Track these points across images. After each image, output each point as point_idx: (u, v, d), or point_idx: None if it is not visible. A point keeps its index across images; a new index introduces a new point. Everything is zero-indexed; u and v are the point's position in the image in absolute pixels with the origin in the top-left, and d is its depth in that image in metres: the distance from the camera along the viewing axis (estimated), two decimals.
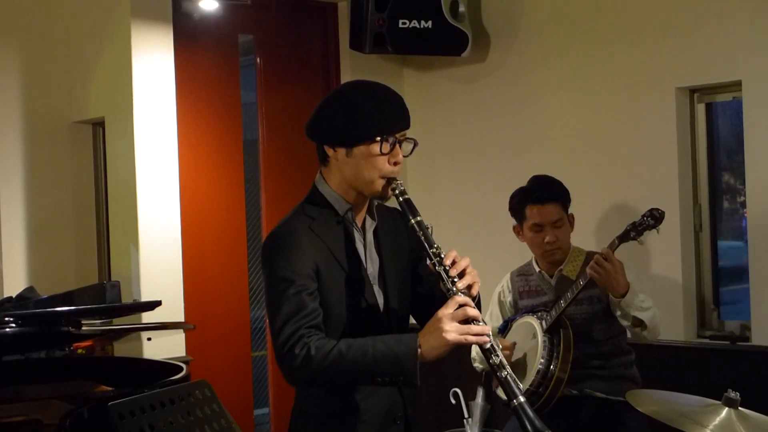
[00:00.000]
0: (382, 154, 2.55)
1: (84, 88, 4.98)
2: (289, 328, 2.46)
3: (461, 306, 2.40)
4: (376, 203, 2.72)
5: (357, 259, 2.64)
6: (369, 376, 2.46)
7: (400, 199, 2.56)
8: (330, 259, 2.58)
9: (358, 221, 2.68)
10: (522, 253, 4.02)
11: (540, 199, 3.75)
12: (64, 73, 5.03)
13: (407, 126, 2.61)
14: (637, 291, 3.59)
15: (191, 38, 4.97)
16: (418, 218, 2.53)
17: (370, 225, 2.71)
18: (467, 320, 2.40)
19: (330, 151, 2.61)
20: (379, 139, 2.54)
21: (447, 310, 2.41)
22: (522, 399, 2.37)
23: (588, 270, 3.53)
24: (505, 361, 2.42)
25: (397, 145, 2.58)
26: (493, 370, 2.41)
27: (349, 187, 2.62)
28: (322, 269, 2.56)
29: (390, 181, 2.57)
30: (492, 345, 2.41)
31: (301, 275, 2.51)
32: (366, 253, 2.67)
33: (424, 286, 2.78)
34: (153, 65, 4.68)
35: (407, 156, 2.64)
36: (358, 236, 2.67)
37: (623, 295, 3.52)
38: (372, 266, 2.68)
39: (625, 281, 3.52)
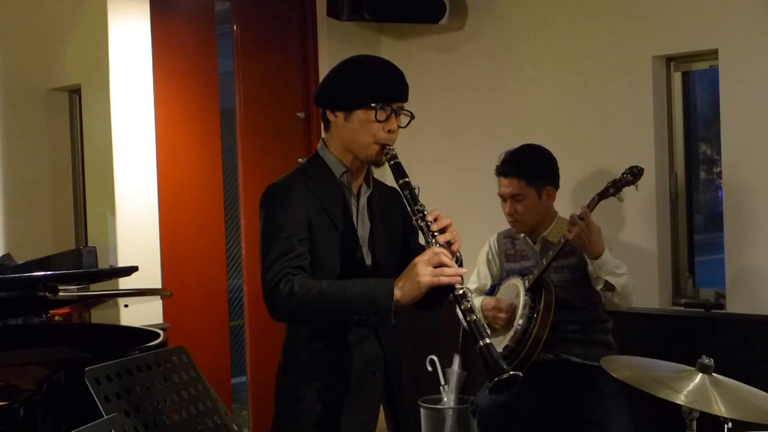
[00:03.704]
0: (378, 120, 2.70)
1: (60, 55, 4.94)
2: (277, 266, 2.61)
3: (438, 254, 2.52)
4: (372, 175, 2.86)
5: (349, 220, 2.78)
6: (346, 314, 2.58)
7: (391, 162, 2.71)
8: (323, 215, 2.73)
9: (354, 187, 2.83)
10: (499, 223, 4.04)
11: (501, 171, 3.89)
12: (39, 39, 4.99)
13: (404, 99, 2.78)
14: (612, 256, 3.66)
15: (167, 5, 4.92)
16: (406, 179, 2.69)
17: (365, 191, 2.86)
18: (441, 265, 2.52)
19: (331, 117, 2.78)
20: (374, 105, 2.69)
21: (423, 257, 2.54)
22: (487, 340, 2.45)
23: (571, 236, 3.61)
24: (476, 306, 2.58)
25: (393, 115, 2.72)
26: (463, 314, 2.51)
27: (346, 151, 2.77)
28: (314, 223, 2.71)
29: (384, 147, 2.72)
30: (464, 291, 2.52)
31: (293, 223, 2.67)
32: (358, 217, 2.82)
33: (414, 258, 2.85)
34: (129, 32, 4.64)
35: (403, 127, 2.77)
36: (351, 200, 2.81)
37: (597, 257, 3.60)
38: (363, 229, 2.82)
39: (600, 244, 3.60)
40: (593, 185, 4.28)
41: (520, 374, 2.42)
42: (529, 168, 3.84)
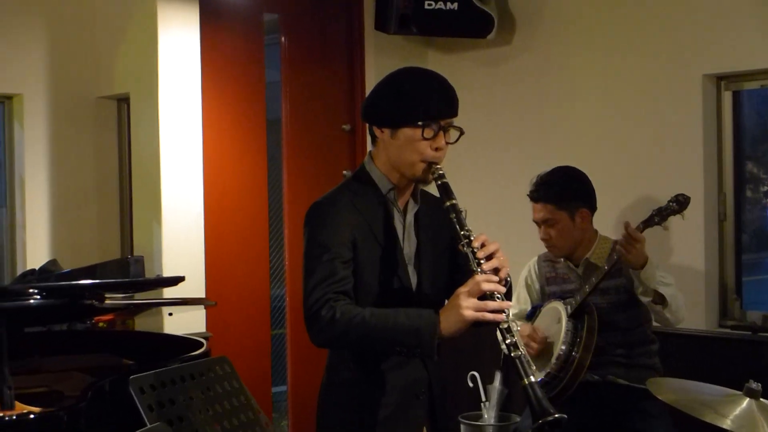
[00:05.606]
0: (424, 139, 2.63)
1: (109, 63, 4.99)
2: (318, 291, 2.57)
3: (479, 282, 2.46)
4: (420, 188, 2.79)
5: (394, 237, 2.72)
6: (388, 345, 2.56)
7: (438, 182, 2.64)
8: (368, 234, 2.67)
9: (401, 203, 2.77)
10: (539, 241, 4.00)
11: (531, 197, 3.86)
12: (90, 48, 5.04)
13: (453, 114, 2.69)
14: (657, 266, 3.63)
15: (216, 16, 4.95)
16: (453, 201, 2.61)
17: (412, 208, 2.79)
18: (485, 296, 2.45)
19: (378, 132, 2.72)
20: (421, 123, 2.62)
21: (465, 288, 2.47)
22: (532, 379, 2.40)
23: (618, 246, 3.58)
24: (520, 342, 2.46)
25: (441, 132, 2.65)
26: (508, 349, 2.45)
27: (393, 168, 2.71)
28: (359, 242, 2.65)
29: (431, 165, 2.65)
30: (509, 325, 2.46)
31: (337, 244, 2.62)
32: (404, 234, 2.76)
33: (463, 275, 2.77)
34: (179, 42, 4.67)
35: (452, 144, 2.71)
36: (398, 216, 2.75)
37: (643, 266, 3.55)
38: (409, 247, 2.76)
39: (644, 253, 3.56)
40: (640, 204, 4.26)
41: (565, 416, 2.36)
42: (559, 191, 3.79)
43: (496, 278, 2.49)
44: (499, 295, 2.47)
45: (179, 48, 4.68)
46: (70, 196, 4.95)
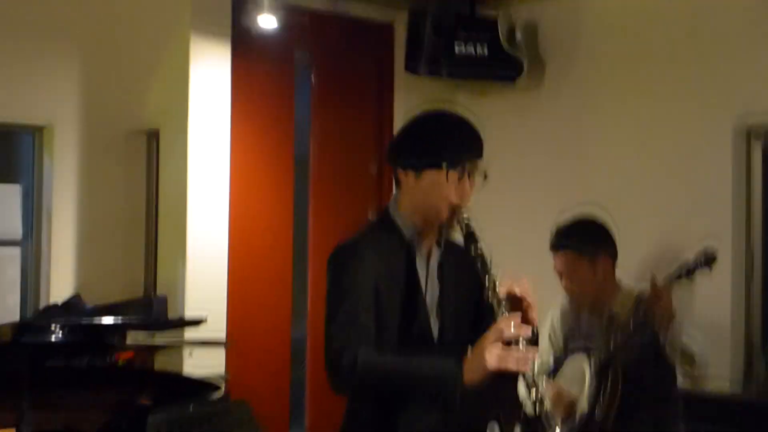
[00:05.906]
0: (449, 182, 2.59)
1: (140, 98, 5.01)
2: (339, 339, 2.53)
3: (503, 330, 2.42)
4: (444, 233, 2.75)
5: (417, 284, 2.68)
6: (410, 393, 2.53)
7: (464, 227, 2.61)
8: (390, 280, 2.63)
9: (424, 248, 2.72)
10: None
11: (552, 246, 3.83)
12: (121, 81, 5.06)
13: (478, 156, 2.67)
14: (684, 322, 3.59)
15: (248, 52, 4.97)
16: (479, 249, 2.58)
17: (436, 253, 2.74)
18: (509, 344, 2.41)
19: (402, 176, 2.69)
20: (445, 165, 2.58)
21: (489, 335, 2.44)
22: None
23: (643, 302, 3.56)
24: (544, 397, 2.45)
25: (466, 175, 2.62)
26: (534, 406, 2.44)
27: (417, 212, 2.67)
28: (381, 288, 2.61)
29: (455, 209, 2.61)
30: (533, 377, 2.44)
31: (360, 290, 2.58)
32: (427, 280, 2.71)
33: (487, 323, 2.70)
34: (210, 77, 4.71)
35: (477, 188, 2.67)
36: (421, 262, 2.71)
37: (670, 321, 3.53)
38: (432, 294, 2.71)
39: (672, 310, 3.53)
40: (668, 257, 4.19)
41: None
42: (579, 240, 3.78)
43: (522, 326, 2.46)
44: (524, 343, 2.44)
45: (210, 83, 4.71)
46: (96, 230, 4.94)
